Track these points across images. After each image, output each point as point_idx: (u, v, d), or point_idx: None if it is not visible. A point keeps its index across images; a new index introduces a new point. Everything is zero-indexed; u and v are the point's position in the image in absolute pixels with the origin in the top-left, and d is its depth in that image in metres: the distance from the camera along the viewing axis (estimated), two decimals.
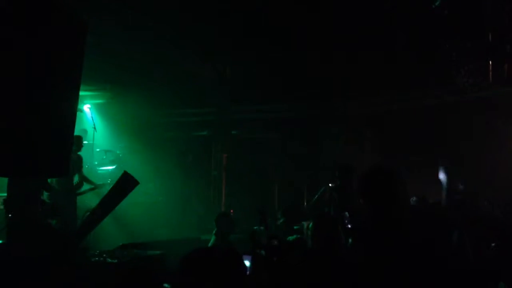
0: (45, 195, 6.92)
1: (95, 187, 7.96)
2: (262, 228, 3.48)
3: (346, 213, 3.98)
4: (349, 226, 3.88)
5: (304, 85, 10.33)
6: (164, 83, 9.91)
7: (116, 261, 5.68)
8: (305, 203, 9.69)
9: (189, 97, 10.71)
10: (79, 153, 7.90)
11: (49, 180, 7.07)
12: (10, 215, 6.05)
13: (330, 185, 7.00)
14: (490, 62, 8.04)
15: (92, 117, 10.57)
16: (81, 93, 5.64)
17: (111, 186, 6.45)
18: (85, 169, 8.34)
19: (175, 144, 11.22)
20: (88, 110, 10.86)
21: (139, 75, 9.40)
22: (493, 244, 3.89)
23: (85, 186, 7.84)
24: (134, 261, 5.66)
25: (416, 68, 9.05)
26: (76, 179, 7.85)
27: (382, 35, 8.18)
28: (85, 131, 10.32)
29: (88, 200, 7.45)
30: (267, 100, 11.16)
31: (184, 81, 9.82)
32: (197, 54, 9.12)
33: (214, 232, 6.53)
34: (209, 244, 6.30)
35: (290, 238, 4.58)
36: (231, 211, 9.00)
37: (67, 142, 4.96)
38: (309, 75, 9.74)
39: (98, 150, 10.60)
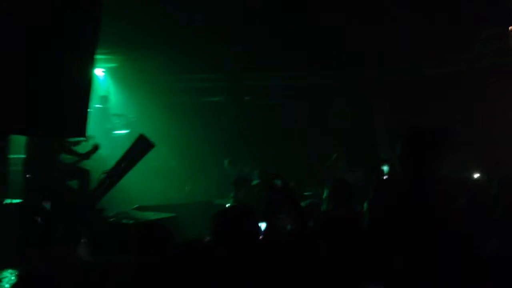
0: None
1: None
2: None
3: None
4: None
5: (319, 56, 10.24)
6: (178, 48, 9.82)
7: (132, 222, 5.83)
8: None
9: (204, 62, 10.66)
10: None
11: None
12: (28, 176, 6.16)
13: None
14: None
15: (104, 81, 10.64)
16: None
17: (127, 148, 6.53)
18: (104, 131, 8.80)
19: (188, 109, 11.22)
20: (102, 74, 10.88)
21: (153, 38, 9.30)
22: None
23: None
24: (150, 222, 5.78)
25: (430, 36, 8.87)
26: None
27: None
28: (106, 97, 10.59)
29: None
30: (279, 67, 11.10)
31: (199, 46, 9.71)
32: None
33: (231, 195, 6.42)
34: None
35: (302, 203, 4.60)
36: None
37: (84, 104, 4.98)
38: (324, 46, 9.60)
39: (111, 114, 10.66)
